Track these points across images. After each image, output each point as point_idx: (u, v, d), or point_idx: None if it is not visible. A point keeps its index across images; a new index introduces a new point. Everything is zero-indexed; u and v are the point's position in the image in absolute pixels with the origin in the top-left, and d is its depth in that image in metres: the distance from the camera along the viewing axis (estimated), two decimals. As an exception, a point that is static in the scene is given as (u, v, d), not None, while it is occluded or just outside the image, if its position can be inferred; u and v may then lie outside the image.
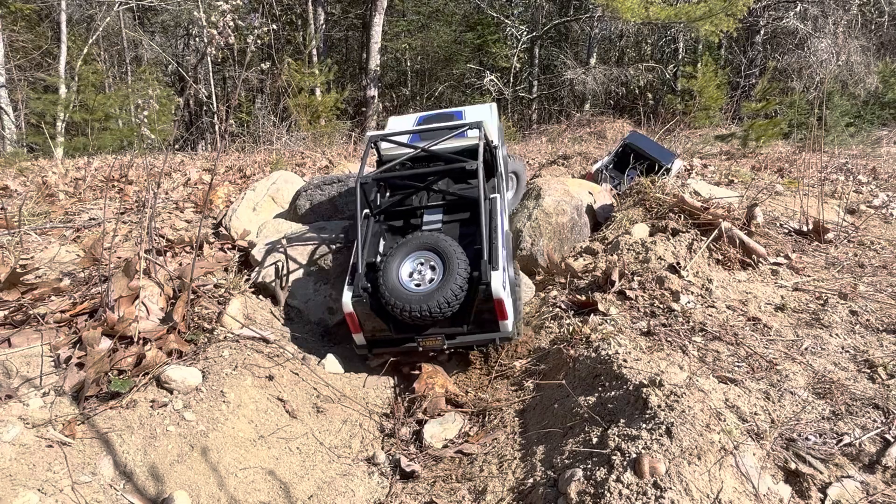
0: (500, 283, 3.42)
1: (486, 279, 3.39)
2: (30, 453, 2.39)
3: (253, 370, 3.48)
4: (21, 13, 15.00)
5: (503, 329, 3.61)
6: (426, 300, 3.38)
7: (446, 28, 23.48)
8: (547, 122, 21.95)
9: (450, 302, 3.39)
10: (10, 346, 3.01)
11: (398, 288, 3.48)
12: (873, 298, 3.98)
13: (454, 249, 3.53)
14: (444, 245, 3.56)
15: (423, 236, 3.69)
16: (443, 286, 3.41)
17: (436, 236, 3.66)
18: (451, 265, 3.47)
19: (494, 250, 3.61)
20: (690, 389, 2.68)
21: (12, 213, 4.67)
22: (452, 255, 3.50)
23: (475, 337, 3.67)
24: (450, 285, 3.40)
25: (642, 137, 9.64)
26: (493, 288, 3.40)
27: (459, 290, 3.42)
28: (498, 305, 3.46)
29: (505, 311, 3.49)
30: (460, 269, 3.45)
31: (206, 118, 16.35)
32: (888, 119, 17.52)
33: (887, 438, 2.41)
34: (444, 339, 3.62)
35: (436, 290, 3.41)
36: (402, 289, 3.48)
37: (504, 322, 3.55)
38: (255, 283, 4.51)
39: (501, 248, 3.70)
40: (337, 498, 2.94)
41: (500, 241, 3.71)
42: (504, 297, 3.45)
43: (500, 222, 3.91)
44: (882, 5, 18.46)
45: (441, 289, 3.41)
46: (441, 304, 3.37)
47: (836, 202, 6.93)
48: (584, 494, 2.30)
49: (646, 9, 16.17)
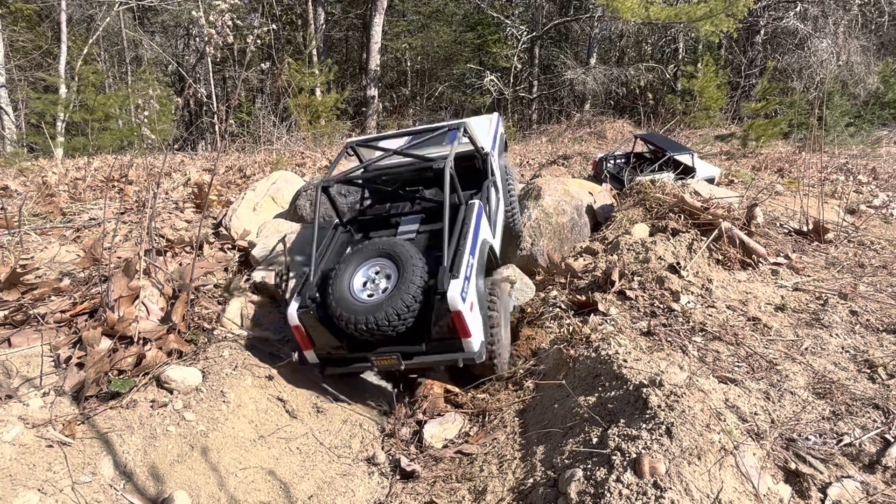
0: (458, 292, 3.01)
1: (442, 288, 3.01)
2: (30, 453, 2.39)
3: (253, 370, 3.48)
4: (21, 13, 15.00)
5: (467, 348, 3.17)
6: (374, 311, 3.02)
7: (446, 28, 23.50)
8: (547, 122, 21.95)
9: (400, 314, 3.01)
10: (10, 346, 3.01)
11: (347, 298, 3.15)
12: (873, 298, 3.98)
13: (410, 255, 3.18)
14: (400, 250, 3.22)
15: (379, 242, 3.37)
16: (393, 295, 3.05)
17: (393, 241, 3.34)
18: (406, 272, 3.11)
19: (459, 258, 3.23)
20: (690, 389, 2.68)
21: (12, 213, 4.67)
22: (408, 261, 3.14)
23: (435, 357, 3.26)
24: (401, 295, 3.03)
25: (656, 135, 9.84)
26: (450, 298, 2.99)
27: (412, 299, 3.03)
28: (456, 319, 3.04)
29: (466, 327, 3.08)
30: (415, 276, 3.08)
31: (206, 118, 16.35)
32: (888, 119, 17.53)
33: (887, 438, 2.41)
34: (399, 358, 3.23)
35: (385, 301, 3.05)
36: (351, 299, 3.15)
37: (467, 340, 3.13)
38: (255, 283, 4.51)
39: (468, 256, 3.32)
40: (337, 498, 2.94)
41: (468, 248, 3.35)
42: (463, 309, 3.03)
43: (475, 230, 3.57)
44: (882, 5, 18.46)
45: (391, 299, 3.04)
46: (390, 316, 3.00)
47: (836, 202, 6.93)
48: (584, 494, 2.30)
49: (646, 9, 16.17)
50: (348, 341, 3.32)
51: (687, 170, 8.26)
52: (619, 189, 7.20)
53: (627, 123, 18.69)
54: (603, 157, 9.33)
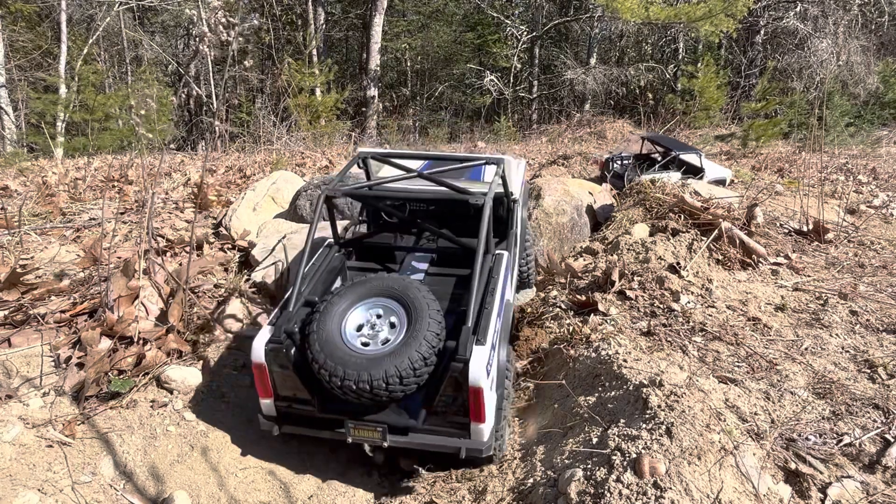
0: (483, 365, 2.41)
1: (465, 355, 2.39)
2: (30, 453, 2.39)
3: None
4: (21, 13, 15.00)
5: (475, 436, 2.55)
6: (370, 367, 2.33)
7: (446, 28, 23.48)
8: (547, 122, 21.95)
9: (404, 377, 2.33)
10: (10, 346, 3.01)
11: (335, 342, 2.42)
12: (873, 298, 3.97)
13: (427, 303, 2.51)
14: (415, 295, 2.54)
15: (388, 278, 2.68)
16: (400, 351, 2.37)
17: (406, 281, 2.65)
18: (419, 324, 2.44)
19: (485, 319, 2.63)
20: (690, 389, 2.68)
21: (12, 213, 4.67)
22: (423, 311, 2.47)
23: (432, 439, 2.61)
24: (410, 352, 2.36)
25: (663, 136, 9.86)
26: (472, 371, 2.38)
27: (423, 362, 2.37)
28: (474, 397, 2.43)
29: (482, 410, 2.46)
30: (430, 331, 2.42)
31: (206, 118, 16.35)
32: (888, 119, 17.53)
33: (887, 438, 2.41)
34: (385, 431, 2.56)
35: (388, 356, 2.36)
36: (340, 343, 2.43)
37: (478, 426, 2.52)
38: (256, 282, 4.51)
39: (495, 318, 2.71)
40: (337, 498, 2.94)
41: (495, 309, 2.75)
42: (485, 387, 2.43)
43: (502, 286, 2.99)
44: (882, 5, 18.46)
45: (396, 354, 2.36)
46: (390, 377, 2.32)
47: (836, 202, 6.93)
48: (584, 494, 2.30)
49: (646, 9, 16.18)
50: (320, 397, 2.61)
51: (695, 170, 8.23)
52: (619, 189, 7.21)
53: (627, 123, 18.69)
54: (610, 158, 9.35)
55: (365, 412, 2.60)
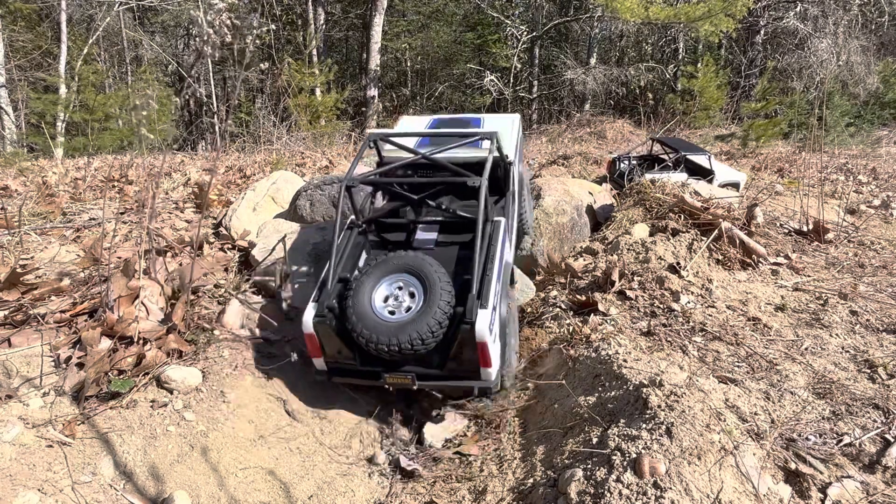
0: (486, 324, 2.98)
1: (471, 318, 2.96)
2: (30, 453, 2.39)
3: (253, 370, 3.48)
4: (21, 13, 14.99)
5: (484, 377, 3.16)
6: (398, 333, 2.95)
7: (446, 28, 23.48)
8: (547, 122, 21.96)
9: (424, 338, 2.94)
10: (10, 346, 3.01)
11: (368, 314, 3.04)
12: (873, 298, 3.98)
13: (439, 277, 3.07)
14: (429, 271, 3.09)
15: (405, 256, 3.23)
16: (419, 318, 2.96)
17: (420, 258, 3.19)
18: (434, 295, 3.01)
19: (486, 284, 3.16)
20: (690, 389, 2.68)
21: (12, 213, 4.67)
22: (436, 284, 3.04)
23: (451, 382, 3.23)
24: (427, 319, 2.95)
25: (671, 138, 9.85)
26: (478, 330, 2.96)
27: (438, 325, 2.97)
28: (481, 350, 3.02)
29: (488, 358, 3.05)
30: (443, 300, 3.00)
31: (207, 118, 16.35)
32: (888, 119, 17.54)
33: (887, 438, 2.41)
34: (414, 378, 3.16)
35: (410, 323, 2.97)
36: (372, 316, 3.04)
37: (486, 370, 3.12)
38: (256, 283, 4.51)
39: (495, 282, 3.24)
40: (337, 498, 2.94)
41: (495, 273, 3.26)
42: (489, 340, 3.02)
43: (500, 251, 3.46)
44: (882, 5, 18.47)
45: (417, 321, 2.96)
46: (414, 340, 2.93)
47: (836, 202, 6.93)
48: (584, 494, 2.30)
49: (646, 9, 16.18)
50: (360, 354, 3.23)
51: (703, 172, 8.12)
52: (618, 189, 7.20)
53: (627, 123, 18.69)
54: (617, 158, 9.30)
55: (396, 364, 3.18)
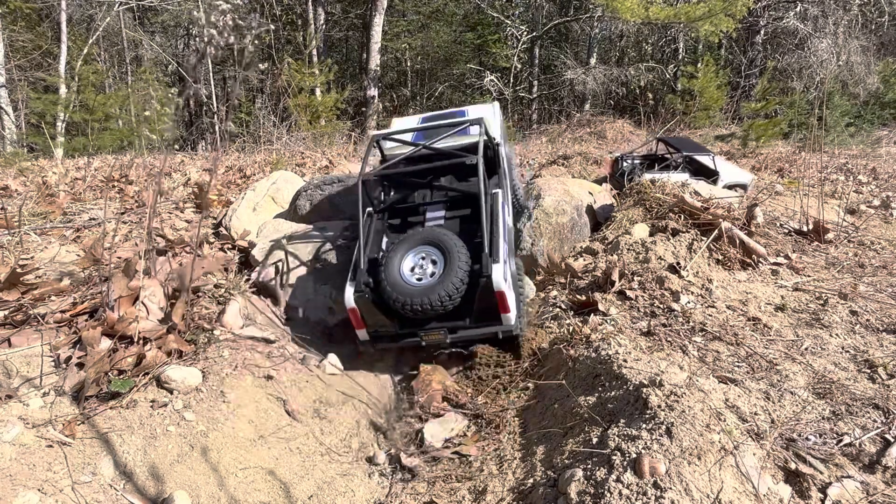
0: (500, 275, 3.44)
1: (488, 272, 3.42)
2: (30, 453, 2.39)
3: (253, 370, 3.48)
4: (21, 13, 14.99)
5: (506, 322, 3.61)
6: (427, 293, 3.41)
7: (446, 28, 23.46)
8: (547, 122, 21.95)
9: (451, 294, 3.42)
10: (10, 346, 3.01)
11: (399, 282, 3.52)
12: (873, 298, 3.97)
13: (455, 243, 3.56)
14: (446, 239, 3.60)
15: (424, 231, 3.76)
16: (444, 279, 3.45)
17: (437, 231, 3.71)
18: (453, 259, 3.50)
19: (495, 244, 3.63)
20: (690, 389, 2.68)
21: (12, 213, 4.67)
22: (454, 249, 3.53)
23: (478, 331, 3.67)
24: (451, 278, 3.43)
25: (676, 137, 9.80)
26: (495, 280, 3.42)
27: (460, 282, 3.44)
28: (500, 297, 3.47)
29: (507, 304, 3.50)
30: (461, 262, 3.48)
31: (207, 118, 16.34)
32: (888, 119, 17.53)
33: (887, 438, 2.41)
34: (446, 333, 3.63)
35: (437, 284, 3.45)
36: (403, 283, 3.53)
37: (507, 315, 3.56)
38: (256, 283, 4.51)
39: (503, 242, 3.72)
40: (337, 498, 2.94)
41: (501, 235, 3.75)
42: (505, 289, 3.46)
43: (502, 217, 3.95)
44: (882, 5, 18.46)
45: (442, 282, 3.44)
46: (442, 297, 3.40)
47: (836, 202, 6.93)
48: (584, 494, 2.30)
49: (646, 9, 16.18)
50: (398, 320, 3.67)
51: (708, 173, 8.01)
52: (619, 189, 7.17)
53: (627, 123, 18.69)
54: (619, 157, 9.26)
55: (428, 323, 3.64)
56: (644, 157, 9.28)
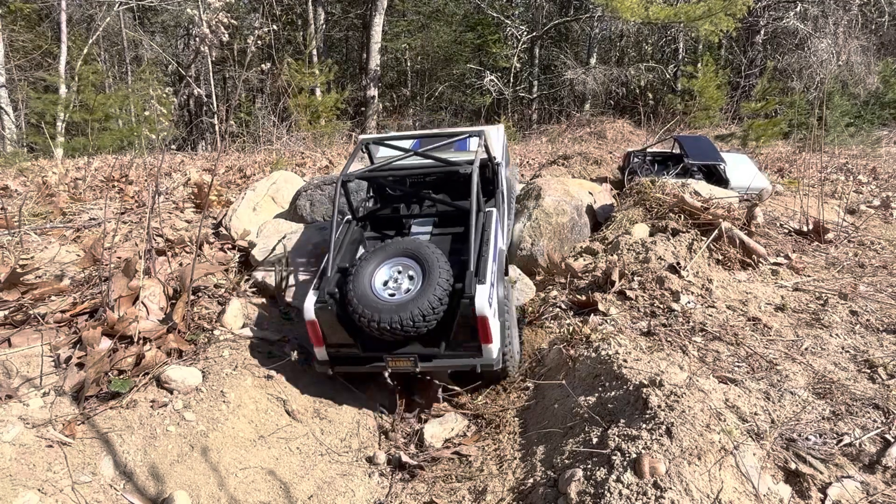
0: (485, 298, 3.03)
1: (470, 292, 3.01)
2: (30, 453, 2.39)
3: (253, 370, 3.48)
4: (21, 13, 14.99)
5: (486, 354, 3.17)
6: (399, 311, 2.96)
7: (446, 28, 23.47)
8: (547, 122, 21.96)
9: (425, 315, 2.96)
10: (10, 346, 3.01)
11: (368, 295, 3.07)
12: (873, 298, 3.97)
13: (437, 257, 3.14)
14: (426, 252, 3.17)
15: (403, 241, 3.33)
16: (419, 296, 3.00)
17: (417, 242, 3.29)
18: (432, 274, 3.07)
19: (483, 263, 3.24)
20: (690, 389, 2.68)
21: (12, 213, 4.67)
22: (434, 263, 3.10)
23: (453, 361, 3.24)
24: (427, 296, 2.98)
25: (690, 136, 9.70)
26: (478, 304, 3.00)
27: (438, 302, 3.00)
28: (481, 324, 3.05)
29: (489, 333, 3.08)
30: (441, 278, 3.05)
31: (207, 118, 16.35)
32: (888, 119, 17.53)
33: (887, 438, 2.41)
34: (416, 360, 3.17)
35: (411, 301, 2.99)
36: (373, 297, 3.07)
37: (488, 346, 3.13)
38: (256, 283, 4.51)
39: (491, 263, 3.33)
40: (337, 498, 2.94)
41: (490, 255, 3.36)
42: (489, 315, 3.05)
43: (494, 237, 3.59)
44: (882, 5, 18.46)
45: (417, 299, 2.99)
46: (415, 317, 2.95)
47: (836, 202, 6.93)
48: (584, 494, 2.30)
49: (646, 9, 16.19)
50: (362, 340, 3.24)
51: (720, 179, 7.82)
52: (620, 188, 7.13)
53: (627, 123, 18.70)
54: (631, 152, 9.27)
55: (398, 347, 3.19)
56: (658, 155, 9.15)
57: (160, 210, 5.63)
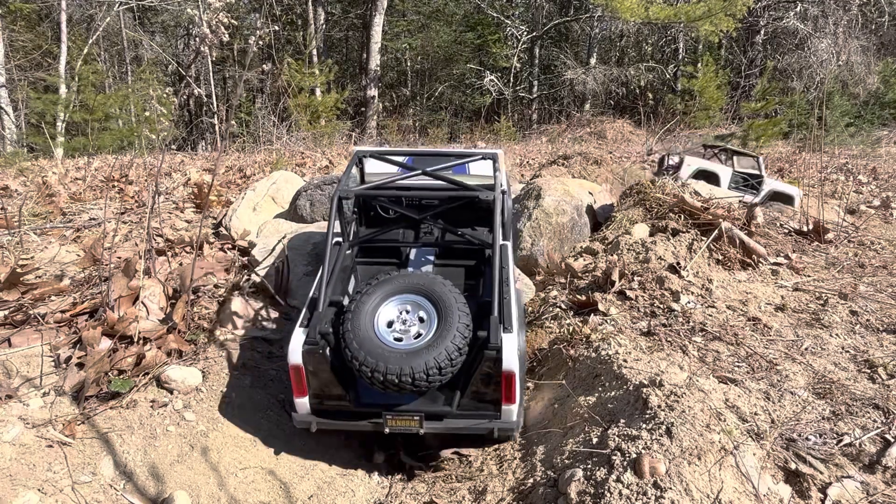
0: (514, 351, 2.60)
1: (496, 342, 2.55)
2: (30, 453, 2.39)
3: (253, 370, 3.48)
4: (21, 13, 15.00)
5: (506, 416, 2.74)
6: (410, 360, 2.49)
7: (446, 28, 23.49)
8: (547, 122, 21.98)
9: (442, 367, 2.51)
10: (10, 346, 3.01)
11: (372, 339, 2.57)
12: (873, 298, 3.97)
13: (455, 297, 2.68)
14: (442, 290, 2.70)
15: (412, 275, 2.85)
16: (436, 344, 2.54)
17: (431, 277, 2.82)
18: (451, 317, 2.60)
19: (506, 307, 2.80)
20: (690, 389, 2.68)
21: (12, 213, 4.67)
22: (452, 305, 2.63)
23: (467, 423, 2.78)
24: (446, 344, 2.53)
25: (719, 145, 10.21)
26: (505, 358, 2.57)
27: (458, 352, 2.55)
28: (508, 381, 2.62)
29: (514, 392, 2.66)
30: (461, 323, 2.60)
31: (207, 118, 16.36)
32: (888, 119, 17.54)
33: (887, 438, 2.41)
34: (422, 419, 2.71)
35: (426, 349, 2.53)
36: (377, 341, 2.58)
37: (509, 407, 2.70)
38: (256, 283, 4.51)
39: (514, 306, 2.89)
40: (337, 498, 2.94)
41: (512, 295, 2.93)
42: (516, 371, 2.63)
43: (512, 274, 3.17)
44: (882, 5, 18.46)
45: (434, 347, 2.53)
46: (430, 370, 2.48)
47: (836, 202, 6.93)
48: (584, 494, 2.30)
49: (646, 9, 16.20)
50: (355, 392, 2.77)
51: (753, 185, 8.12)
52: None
53: (627, 123, 18.72)
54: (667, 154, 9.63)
55: (400, 402, 2.73)
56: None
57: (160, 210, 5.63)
